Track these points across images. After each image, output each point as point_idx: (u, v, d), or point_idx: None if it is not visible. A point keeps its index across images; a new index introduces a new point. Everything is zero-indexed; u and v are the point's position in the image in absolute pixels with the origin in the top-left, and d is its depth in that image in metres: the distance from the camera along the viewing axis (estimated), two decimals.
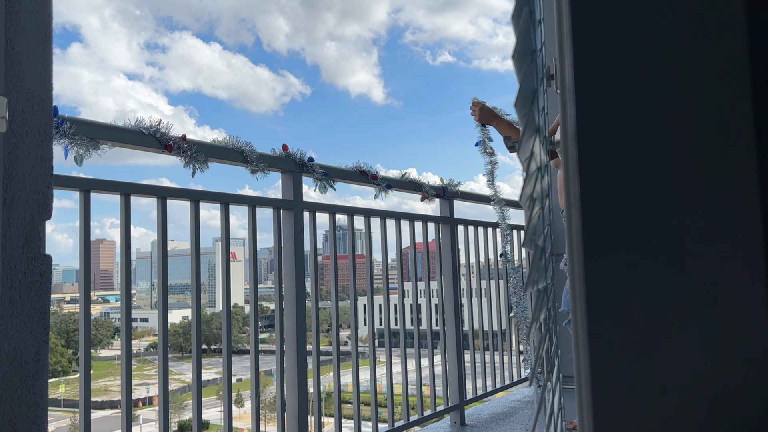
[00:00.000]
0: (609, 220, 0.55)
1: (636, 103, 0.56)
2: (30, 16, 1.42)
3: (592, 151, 0.56)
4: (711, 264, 0.53)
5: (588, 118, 0.56)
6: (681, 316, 0.53)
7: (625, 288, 0.54)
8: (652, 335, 0.54)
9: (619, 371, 0.54)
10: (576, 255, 0.56)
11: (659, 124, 0.55)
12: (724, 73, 0.54)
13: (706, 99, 0.54)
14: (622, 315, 0.54)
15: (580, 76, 0.57)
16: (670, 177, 0.54)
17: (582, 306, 0.55)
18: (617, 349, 0.54)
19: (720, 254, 0.53)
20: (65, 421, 38.17)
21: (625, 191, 0.55)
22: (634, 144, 0.56)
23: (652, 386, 0.53)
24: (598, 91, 0.57)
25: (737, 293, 0.52)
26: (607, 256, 0.55)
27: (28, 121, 1.39)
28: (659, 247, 0.54)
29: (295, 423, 2.36)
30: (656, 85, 0.55)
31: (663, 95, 0.55)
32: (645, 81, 0.56)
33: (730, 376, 0.52)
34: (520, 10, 0.75)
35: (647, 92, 0.56)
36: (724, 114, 0.54)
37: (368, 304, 2.83)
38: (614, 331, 0.54)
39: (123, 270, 1.95)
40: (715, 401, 0.52)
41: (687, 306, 0.53)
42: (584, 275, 0.55)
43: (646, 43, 0.56)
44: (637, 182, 0.55)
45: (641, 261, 0.55)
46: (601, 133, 0.56)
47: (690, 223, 0.54)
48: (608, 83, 0.56)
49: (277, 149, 2.44)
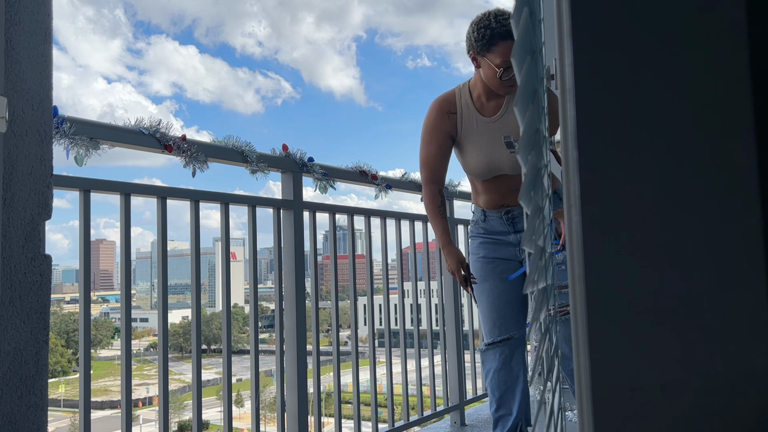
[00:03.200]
0: (609, 220, 0.55)
1: (636, 103, 0.56)
2: (30, 16, 1.42)
3: (592, 151, 0.56)
4: (711, 263, 0.53)
5: (588, 118, 0.56)
6: (681, 315, 0.53)
7: (625, 288, 0.54)
8: (652, 335, 0.54)
9: (619, 371, 0.54)
10: (576, 255, 0.56)
11: (659, 124, 0.55)
12: (725, 73, 0.54)
13: (707, 98, 0.54)
14: (622, 315, 0.54)
15: (580, 76, 0.57)
16: (670, 176, 0.54)
17: (582, 306, 0.55)
18: (617, 349, 0.54)
19: (720, 253, 0.53)
20: (65, 421, 38.17)
21: (625, 191, 0.55)
22: (634, 144, 0.56)
23: (652, 386, 0.53)
24: (598, 91, 0.57)
25: (738, 292, 0.52)
26: (607, 256, 0.55)
27: (28, 121, 1.39)
28: (659, 247, 0.54)
29: (295, 423, 2.36)
30: (657, 85, 0.55)
31: (663, 95, 0.55)
32: (645, 81, 0.56)
33: (731, 376, 0.52)
34: (520, 10, 0.75)
35: (647, 92, 0.56)
36: (725, 114, 0.54)
37: (368, 304, 2.83)
38: (614, 330, 0.54)
39: (123, 270, 1.95)
40: (715, 401, 0.52)
41: (687, 306, 0.53)
42: (584, 275, 0.55)
43: (646, 43, 0.56)
44: (637, 182, 0.55)
45: (641, 260, 0.55)
46: (601, 133, 0.56)
47: (690, 223, 0.54)
48: (608, 83, 0.57)
49: (277, 149, 2.44)
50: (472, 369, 3.57)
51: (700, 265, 0.53)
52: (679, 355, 0.53)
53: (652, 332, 0.53)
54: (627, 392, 0.53)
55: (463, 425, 3.27)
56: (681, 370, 0.52)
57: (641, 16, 0.56)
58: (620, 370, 0.54)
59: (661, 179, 0.54)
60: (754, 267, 0.52)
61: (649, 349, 0.53)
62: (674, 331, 0.53)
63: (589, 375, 0.54)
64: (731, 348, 0.52)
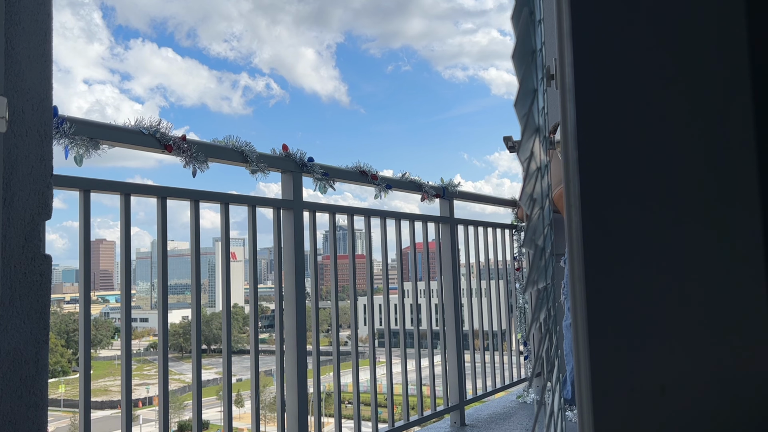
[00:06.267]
0: (609, 220, 0.55)
1: (636, 103, 0.56)
2: (30, 16, 1.42)
3: (592, 151, 0.56)
4: (711, 264, 0.53)
5: (588, 118, 0.56)
6: (681, 316, 0.53)
7: (626, 288, 0.54)
8: (652, 335, 0.54)
9: (619, 371, 0.54)
10: (576, 255, 0.56)
11: (659, 124, 0.55)
12: (725, 73, 0.54)
13: (706, 99, 0.54)
14: (622, 315, 0.54)
15: (580, 76, 0.57)
16: (670, 177, 0.54)
17: (582, 306, 0.55)
18: (617, 350, 0.54)
19: (720, 254, 0.53)
20: (65, 421, 38.16)
21: (625, 191, 0.55)
22: (634, 144, 0.56)
23: (652, 386, 0.53)
24: (598, 91, 0.57)
25: (737, 293, 0.52)
26: (607, 257, 0.55)
27: (28, 121, 1.39)
28: (659, 247, 0.54)
29: (295, 423, 2.36)
30: (656, 84, 0.55)
31: (663, 95, 0.55)
32: (645, 81, 0.56)
33: (730, 376, 0.52)
34: (520, 10, 0.75)
35: (647, 92, 0.56)
36: (725, 114, 0.54)
37: (368, 304, 2.83)
38: (614, 331, 0.54)
39: (123, 270, 1.95)
40: (715, 401, 0.52)
41: (687, 306, 0.53)
42: (584, 275, 0.55)
43: (646, 43, 0.56)
44: (638, 182, 0.55)
45: (641, 261, 0.55)
46: (601, 133, 0.56)
47: (690, 223, 0.54)
48: (608, 83, 0.57)
49: (277, 149, 2.44)
50: (472, 369, 3.57)
51: (699, 266, 0.53)
52: (679, 356, 0.53)
53: (652, 333, 0.53)
54: (627, 392, 0.53)
55: (463, 425, 3.27)
56: (681, 371, 0.52)
57: (641, 16, 0.56)
58: (620, 370, 0.54)
59: (660, 179, 0.54)
60: (754, 267, 0.52)
61: (649, 349, 0.53)
62: (674, 331, 0.53)
63: (589, 375, 0.54)
64: (731, 348, 0.52)
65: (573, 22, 0.57)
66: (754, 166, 0.53)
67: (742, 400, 0.52)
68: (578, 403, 0.57)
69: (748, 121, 0.53)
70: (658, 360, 0.53)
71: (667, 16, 0.56)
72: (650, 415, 0.53)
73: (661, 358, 0.53)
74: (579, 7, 0.57)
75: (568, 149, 0.58)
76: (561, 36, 0.60)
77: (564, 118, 0.59)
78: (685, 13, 0.55)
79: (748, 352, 0.52)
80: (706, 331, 0.53)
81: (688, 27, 0.55)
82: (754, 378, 0.52)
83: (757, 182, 0.52)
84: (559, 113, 0.63)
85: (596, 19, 0.57)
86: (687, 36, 0.55)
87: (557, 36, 0.61)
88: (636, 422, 0.53)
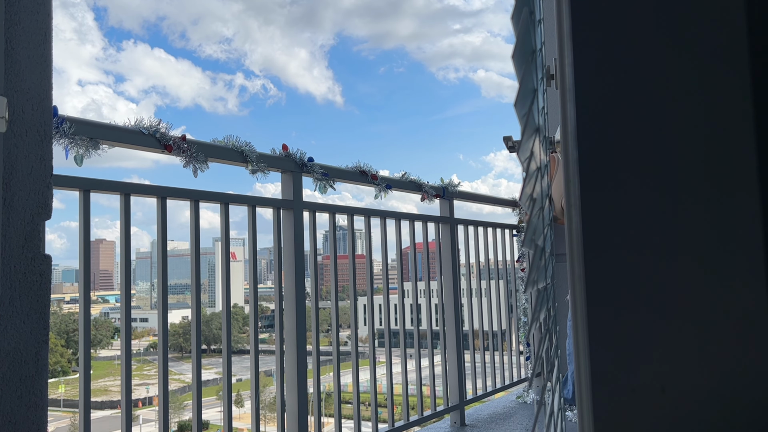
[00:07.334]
0: (609, 220, 0.55)
1: (636, 103, 0.56)
2: (30, 16, 1.42)
3: (592, 151, 0.56)
4: (712, 264, 0.53)
5: (588, 118, 0.56)
6: (681, 316, 0.53)
7: (626, 288, 0.54)
8: (652, 335, 0.54)
9: (619, 371, 0.54)
10: (576, 255, 0.56)
11: (659, 124, 0.55)
12: (725, 74, 0.54)
13: (706, 99, 0.54)
14: (622, 315, 0.54)
15: (580, 76, 0.57)
16: (670, 177, 0.54)
17: (582, 306, 0.55)
18: (617, 349, 0.54)
19: (720, 254, 0.53)
20: (65, 421, 38.16)
21: (625, 191, 0.55)
22: (634, 144, 0.56)
23: (652, 386, 0.53)
24: (598, 91, 0.57)
25: (737, 293, 0.52)
26: (607, 257, 0.55)
27: (28, 121, 1.39)
28: (660, 247, 0.54)
29: (295, 423, 2.36)
30: (656, 84, 0.55)
31: (663, 95, 0.55)
32: (645, 80, 0.56)
33: (730, 376, 0.52)
34: (520, 9, 0.75)
35: (647, 92, 0.56)
36: (725, 113, 0.54)
37: (368, 304, 2.83)
38: (614, 331, 0.54)
39: (123, 270, 1.95)
40: (715, 401, 0.52)
41: (687, 306, 0.53)
42: (584, 275, 0.55)
43: (646, 43, 0.56)
44: (638, 182, 0.55)
45: (641, 261, 0.55)
46: (601, 133, 0.56)
47: (690, 223, 0.54)
48: (608, 83, 0.57)
49: (277, 149, 2.43)
50: (472, 369, 3.57)
51: (699, 265, 0.53)
52: (679, 356, 0.53)
53: (652, 333, 0.53)
54: (627, 392, 0.53)
55: (463, 425, 3.27)
56: (681, 370, 0.52)
57: (641, 16, 0.56)
58: (620, 370, 0.54)
59: (660, 179, 0.54)
60: (754, 267, 0.52)
61: (649, 349, 0.53)
62: (674, 331, 0.53)
63: (589, 375, 0.54)
64: (731, 348, 0.52)
65: (573, 22, 0.57)
66: (754, 167, 0.53)
67: (742, 400, 0.52)
68: (578, 403, 0.57)
69: (750, 119, 0.53)
70: (658, 360, 0.53)
71: (667, 16, 0.56)
72: (650, 415, 0.53)
73: (661, 358, 0.53)
74: (579, 7, 0.57)
75: (568, 149, 0.58)
76: (561, 36, 0.60)
77: (564, 118, 0.59)
78: (685, 13, 0.55)
79: (748, 352, 0.52)
80: (706, 331, 0.53)
81: (688, 27, 0.55)
82: (754, 378, 0.52)
83: (758, 182, 0.52)
84: (559, 113, 0.63)
85: (596, 19, 0.57)
86: (687, 36, 0.55)
87: (557, 36, 0.61)
88: (636, 422, 0.53)
